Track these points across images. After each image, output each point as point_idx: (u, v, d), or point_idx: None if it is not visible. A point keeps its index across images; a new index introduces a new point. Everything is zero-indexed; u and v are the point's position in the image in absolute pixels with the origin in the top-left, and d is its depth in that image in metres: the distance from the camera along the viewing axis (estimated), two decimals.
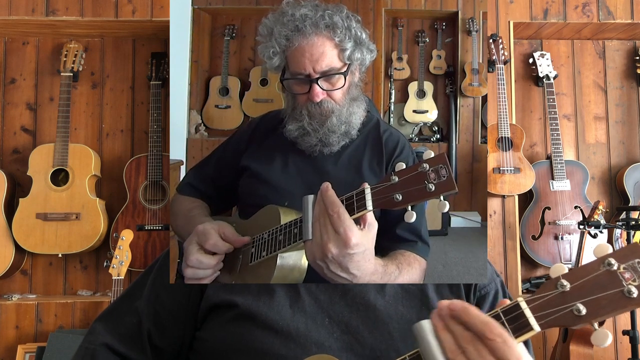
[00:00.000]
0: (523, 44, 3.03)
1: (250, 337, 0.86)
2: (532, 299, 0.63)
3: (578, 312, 0.60)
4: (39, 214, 2.58)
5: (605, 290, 0.60)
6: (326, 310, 0.89)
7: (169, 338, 0.95)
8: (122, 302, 1.01)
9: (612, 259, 0.61)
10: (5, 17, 2.63)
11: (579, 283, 0.62)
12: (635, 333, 2.22)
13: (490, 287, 0.99)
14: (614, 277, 0.61)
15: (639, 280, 0.59)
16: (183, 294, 0.96)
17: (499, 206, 2.74)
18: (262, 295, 0.90)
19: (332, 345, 0.84)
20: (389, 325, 0.88)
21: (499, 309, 0.65)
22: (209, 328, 0.92)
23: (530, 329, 0.62)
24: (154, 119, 2.71)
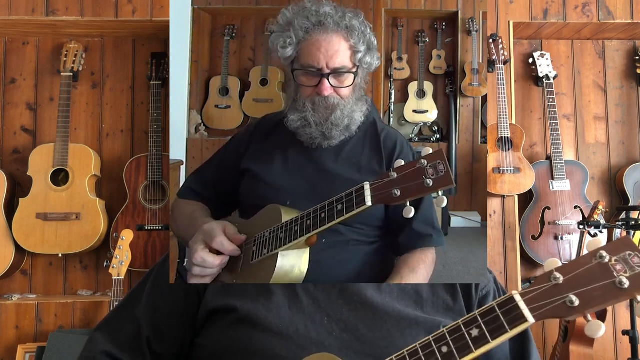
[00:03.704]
0: (523, 44, 3.04)
1: (250, 340, 0.87)
2: (526, 291, 0.64)
3: (571, 304, 0.61)
4: (39, 214, 2.58)
5: (597, 282, 0.61)
6: (324, 309, 0.90)
7: (168, 344, 0.95)
8: (121, 311, 1.02)
9: (603, 251, 0.62)
10: (5, 17, 2.64)
11: (572, 275, 0.63)
12: (635, 333, 2.22)
13: (490, 286, 1.00)
14: (605, 269, 0.61)
15: (630, 271, 0.60)
16: (181, 299, 0.97)
17: (499, 206, 2.74)
18: (261, 298, 0.91)
19: (331, 344, 0.85)
20: (387, 322, 0.88)
21: (494, 302, 0.66)
22: (208, 333, 0.93)
23: (525, 321, 0.63)
24: (154, 119, 2.72)
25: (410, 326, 0.89)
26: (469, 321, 0.66)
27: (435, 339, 0.67)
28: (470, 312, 0.94)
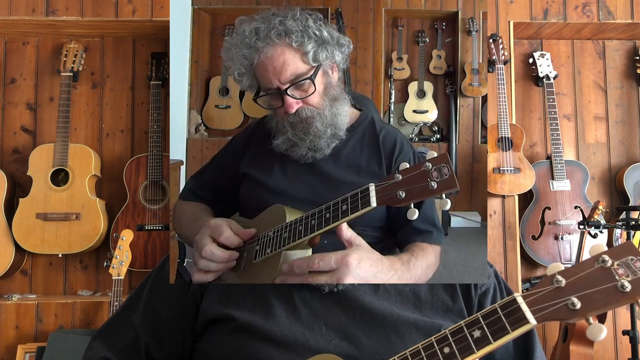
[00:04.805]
0: (523, 44, 3.04)
1: (250, 349, 0.87)
2: (528, 294, 0.65)
3: (573, 306, 0.61)
4: (39, 214, 2.58)
5: (599, 285, 0.61)
6: (322, 318, 0.90)
7: (168, 349, 0.96)
8: (118, 317, 1.02)
9: (606, 255, 0.63)
10: (5, 17, 2.64)
11: (574, 279, 0.63)
12: (635, 333, 2.22)
13: (489, 282, 1.00)
14: (607, 272, 0.62)
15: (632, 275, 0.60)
16: (178, 305, 0.97)
17: (499, 206, 2.74)
18: (258, 308, 0.91)
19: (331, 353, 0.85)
20: (385, 328, 0.89)
21: (497, 305, 0.66)
22: (208, 340, 0.93)
23: (527, 322, 0.63)
24: (154, 119, 2.72)
25: (410, 331, 0.89)
26: (471, 322, 0.67)
27: (438, 339, 0.67)
28: (470, 311, 0.94)
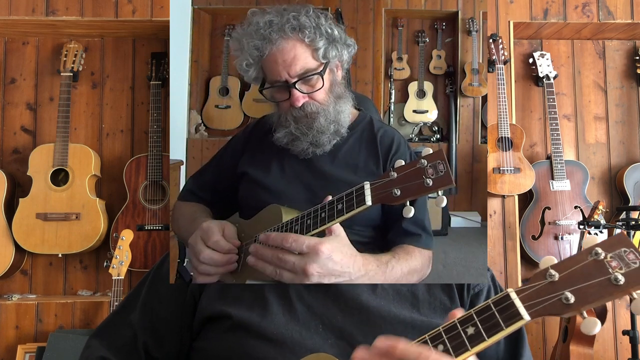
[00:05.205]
0: (523, 44, 3.03)
1: (247, 347, 0.87)
2: (522, 289, 0.64)
3: (567, 301, 0.61)
4: (39, 214, 2.58)
5: (592, 279, 0.60)
6: (319, 316, 0.89)
7: (166, 348, 0.95)
8: (116, 316, 1.02)
9: (599, 248, 0.62)
10: (5, 17, 2.64)
11: (567, 272, 0.62)
12: (635, 333, 2.22)
13: (483, 283, 0.99)
14: (601, 265, 0.61)
15: (625, 268, 0.59)
16: (177, 303, 0.97)
17: (499, 206, 2.74)
18: (255, 305, 0.90)
19: (327, 352, 0.85)
20: (382, 327, 0.88)
21: (490, 300, 0.66)
22: (206, 338, 0.92)
23: (520, 318, 0.63)
24: (154, 119, 2.72)
25: (407, 330, 0.88)
26: (464, 319, 0.66)
27: (432, 337, 0.67)
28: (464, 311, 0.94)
